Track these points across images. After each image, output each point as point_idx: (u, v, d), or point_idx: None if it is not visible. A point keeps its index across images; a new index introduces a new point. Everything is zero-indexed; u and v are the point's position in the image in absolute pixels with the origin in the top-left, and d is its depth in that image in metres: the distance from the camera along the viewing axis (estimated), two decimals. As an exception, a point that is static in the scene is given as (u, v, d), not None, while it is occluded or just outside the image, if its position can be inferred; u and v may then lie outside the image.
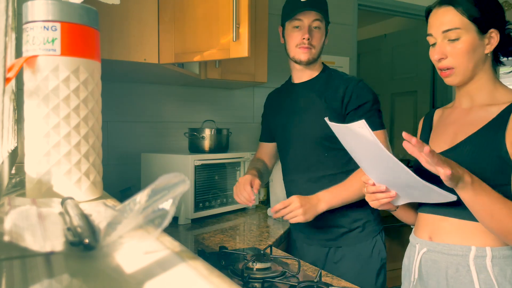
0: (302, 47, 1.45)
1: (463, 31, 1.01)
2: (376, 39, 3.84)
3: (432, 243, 1.07)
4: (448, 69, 1.04)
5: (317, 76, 1.54)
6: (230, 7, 1.30)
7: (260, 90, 2.41)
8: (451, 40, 1.02)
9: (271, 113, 1.67)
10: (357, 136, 0.91)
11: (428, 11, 1.10)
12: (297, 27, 1.46)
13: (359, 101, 1.42)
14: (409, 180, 0.92)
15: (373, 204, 1.05)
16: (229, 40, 1.31)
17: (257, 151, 1.78)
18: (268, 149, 1.74)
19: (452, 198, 0.95)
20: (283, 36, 1.55)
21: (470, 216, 0.97)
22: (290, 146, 1.55)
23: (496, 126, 0.99)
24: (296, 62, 1.50)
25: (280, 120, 1.60)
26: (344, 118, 1.44)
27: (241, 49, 1.30)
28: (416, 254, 1.12)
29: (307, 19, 1.45)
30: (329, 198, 1.36)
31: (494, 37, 1.02)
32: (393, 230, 2.46)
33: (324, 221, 1.49)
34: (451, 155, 1.02)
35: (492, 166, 0.97)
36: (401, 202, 1.05)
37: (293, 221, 1.33)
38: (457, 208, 1.00)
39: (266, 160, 1.74)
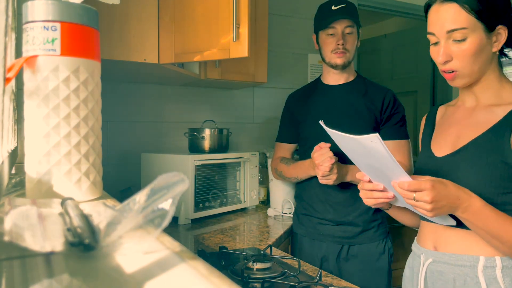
0: (337, 52, 1.55)
1: (469, 31, 0.91)
2: (376, 39, 3.84)
3: (438, 253, 1.00)
4: (452, 71, 0.97)
5: (354, 80, 1.64)
6: (230, 7, 1.30)
7: (260, 90, 2.41)
8: (457, 41, 0.93)
9: (299, 112, 1.69)
10: (364, 147, 0.87)
11: (428, 6, 1.00)
12: (331, 34, 1.55)
13: (393, 111, 1.57)
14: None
15: (367, 201, 0.99)
16: (229, 40, 1.31)
17: (278, 151, 1.78)
18: (289, 150, 1.77)
19: (451, 222, 0.93)
20: (318, 43, 1.63)
21: None
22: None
23: (501, 129, 0.92)
24: (332, 66, 1.59)
25: (313, 119, 1.62)
26: (379, 123, 1.57)
27: (241, 49, 1.30)
28: (421, 265, 1.05)
29: (340, 26, 1.54)
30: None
31: (502, 34, 0.94)
32: (391, 230, 2.46)
33: (343, 219, 1.57)
34: (454, 159, 0.98)
35: (497, 172, 0.91)
36: (401, 204, 1.01)
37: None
38: None
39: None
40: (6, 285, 0.31)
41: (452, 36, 0.94)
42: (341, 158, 1.50)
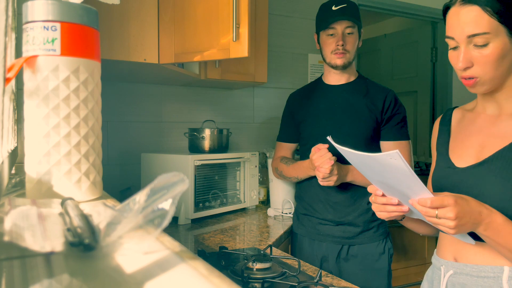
0: (337, 53, 1.55)
1: (492, 35, 0.86)
2: (376, 39, 3.84)
3: (459, 265, 0.97)
4: (472, 77, 0.91)
5: (355, 80, 1.64)
6: (230, 7, 1.30)
7: (260, 90, 2.41)
8: (478, 46, 0.88)
9: (300, 111, 1.69)
10: (380, 164, 0.83)
11: (446, 8, 0.94)
12: (331, 34, 1.55)
13: (395, 111, 1.56)
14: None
15: (380, 215, 0.95)
16: (229, 40, 1.31)
17: (279, 150, 1.79)
18: (290, 150, 1.78)
19: (471, 241, 0.89)
20: (318, 43, 1.63)
21: None
22: (324, 143, 1.54)
23: None
24: (332, 67, 1.59)
25: (314, 119, 1.63)
26: (380, 124, 1.56)
27: (241, 49, 1.30)
28: (442, 277, 1.00)
29: (340, 26, 1.53)
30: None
31: None
32: (391, 230, 2.46)
33: (343, 219, 1.57)
34: (478, 171, 0.94)
35: None
36: (416, 217, 0.96)
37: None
38: None
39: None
40: (6, 285, 0.31)
41: (473, 41, 0.88)
42: (341, 159, 1.50)
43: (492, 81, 0.91)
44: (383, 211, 0.94)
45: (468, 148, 0.99)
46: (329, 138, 0.97)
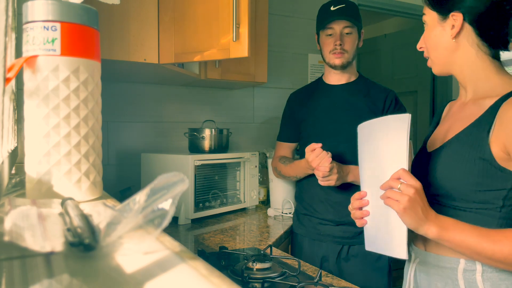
0: (335, 53, 1.56)
1: (427, 17, 1.00)
2: (376, 39, 3.84)
3: (425, 253, 1.01)
4: (429, 58, 1.04)
5: (355, 80, 1.65)
6: (230, 7, 1.30)
7: (260, 90, 2.41)
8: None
9: (301, 111, 1.69)
10: (387, 128, 0.95)
11: None
12: (330, 34, 1.56)
13: (395, 112, 1.57)
14: None
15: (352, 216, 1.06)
16: (229, 40, 1.31)
17: (279, 150, 1.79)
18: (290, 149, 1.78)
19: (403, 256, 0.93)
20: (318, 43, 1.64)
21: None
22: (325, 143, 1.52)
23: (482, 124, 0.90)
24: (331, 67, 1.60)
25: (315, 118, 1.63)
26: None
27: (241, 49, 1.30)
28: (411, 263, 1.06)
29: (338, 26, 1.54)
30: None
31: (456, 20, 0.94)
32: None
33: (343, 219, 1.56)
34: (439, 154, 0.97)
35: (476, 169, 0.88)
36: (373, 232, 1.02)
37: (320, 168, 1.39)
38: None
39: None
40: (6, 285, 0.31)
41: (424, 23, 1.03)
42: (340, 159, 1.50)
43: (436, 60, 1.01)
44: (352, 215, 1.04)
45: (439, 133, 1.05)
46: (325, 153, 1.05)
